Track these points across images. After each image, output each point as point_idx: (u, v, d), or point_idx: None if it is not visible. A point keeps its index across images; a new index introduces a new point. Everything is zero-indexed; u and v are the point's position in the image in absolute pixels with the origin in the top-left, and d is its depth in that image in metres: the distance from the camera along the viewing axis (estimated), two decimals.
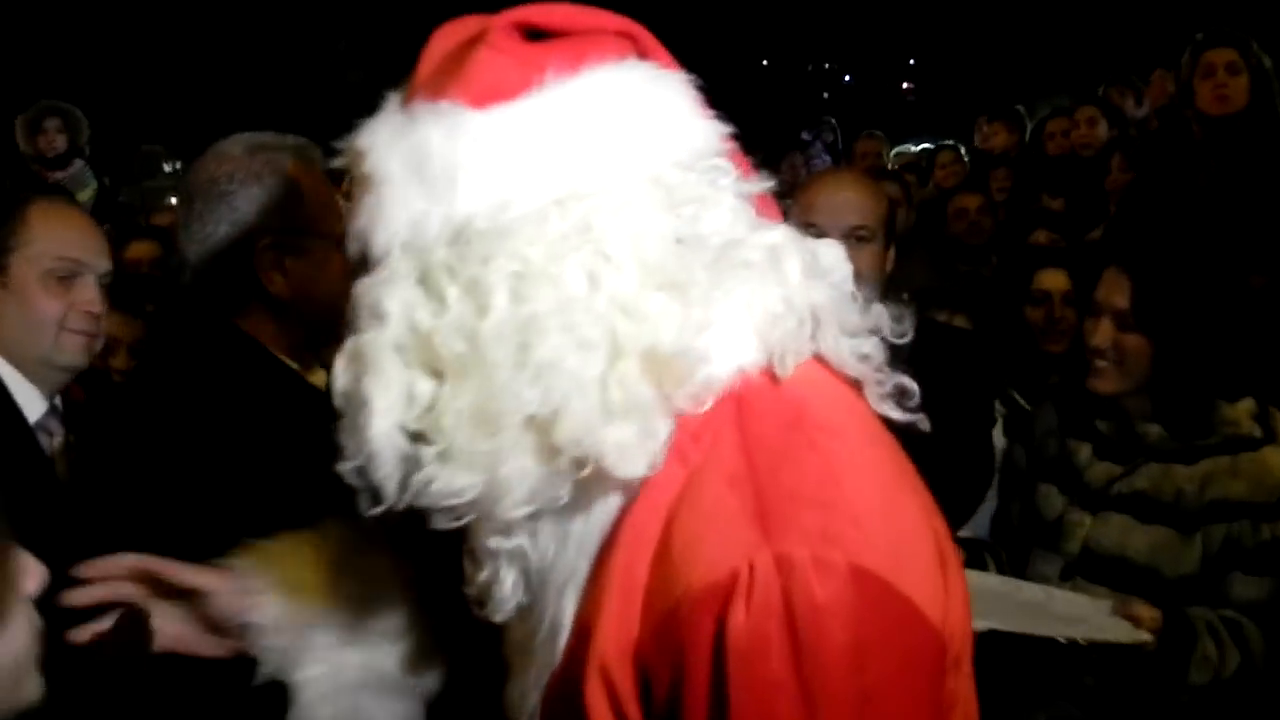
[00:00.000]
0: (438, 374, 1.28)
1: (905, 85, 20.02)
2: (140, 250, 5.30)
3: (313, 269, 2.44)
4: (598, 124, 1.31)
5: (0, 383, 2.66)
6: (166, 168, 8.20)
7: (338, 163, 1.41)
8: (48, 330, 2.67)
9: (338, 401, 1.35)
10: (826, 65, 19.86)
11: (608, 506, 1.30)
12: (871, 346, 1.35)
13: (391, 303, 1.30)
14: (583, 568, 1.31)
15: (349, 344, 1.34)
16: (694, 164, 1.34)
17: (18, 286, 2.66)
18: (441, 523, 1.29)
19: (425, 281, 1.30)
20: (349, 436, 1.32)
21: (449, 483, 1.26)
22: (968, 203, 6.83)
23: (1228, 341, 2.95)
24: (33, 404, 2.69)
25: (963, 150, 9.01)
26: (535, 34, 1.37)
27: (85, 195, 6.89)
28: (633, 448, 1.24)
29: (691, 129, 1.36)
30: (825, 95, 19.33)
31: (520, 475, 1.25)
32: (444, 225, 1.30)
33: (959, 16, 16.98)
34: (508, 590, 1.36)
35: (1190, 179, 5.14)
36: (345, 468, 1.32)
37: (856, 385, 1.34)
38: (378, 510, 1.31)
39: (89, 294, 2.71)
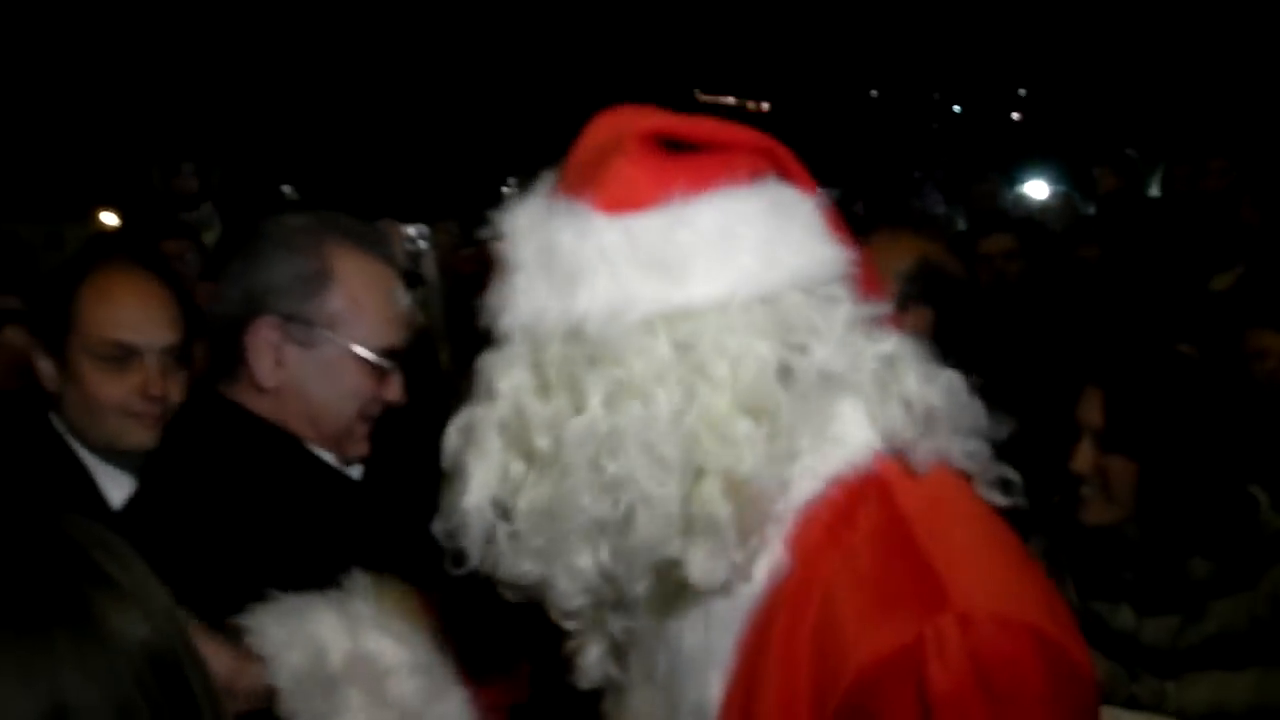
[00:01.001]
0: (530, 458, 1.38)
1: (1015, 116, 19.78)
2: None
3: (315, 368, 2.19)
4: (717, 244, 1.36)
5: (84, 470, 2.56)
6: (285, 190, 8.39)
7: (482, 235, 1.47)
8: (109, 416, 2.55)
9: (445, 465, 1.44)
10: (935, 95, 19.67)
11: (751, 589, 1.37)
12: (977, 444, 1.43)
13: (504, 383, 1.39)
14: (725, 648, 1.38)
15: (464, 414, 1.43)
16: (813, 289, 1.39)
17: (74, 372, 2.54)
18: (511, 597, 1.41)
19: (537, 370, 1.38)
20: (446, 500, 1.43)
21: (513, 564, 1.37)
22: (1089, 253, 6.70)
23: (1224, 449, 2.64)
24: (119, 486, 2.56)
25: (1077, 196, 8.88)
26: (676, 144, 1.42)
27: (210, 236, 7.09)
28: (708, 561, 1.31)
29: (814, 255, 1.41)
30: (935, 126, 19.18)
31: (574, 572, 1.34)
32: (560, 320, 1.36)
33: (1071, 44, 16.71)
34: (591, 660, 1.46)
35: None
36: (437, 529, 1.43)
37: (965, 475, 1.43)
38: (460, 572, 1.42)
39: (145, 376, 2.55)
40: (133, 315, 2.58)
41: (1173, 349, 2.86)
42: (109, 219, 11.32)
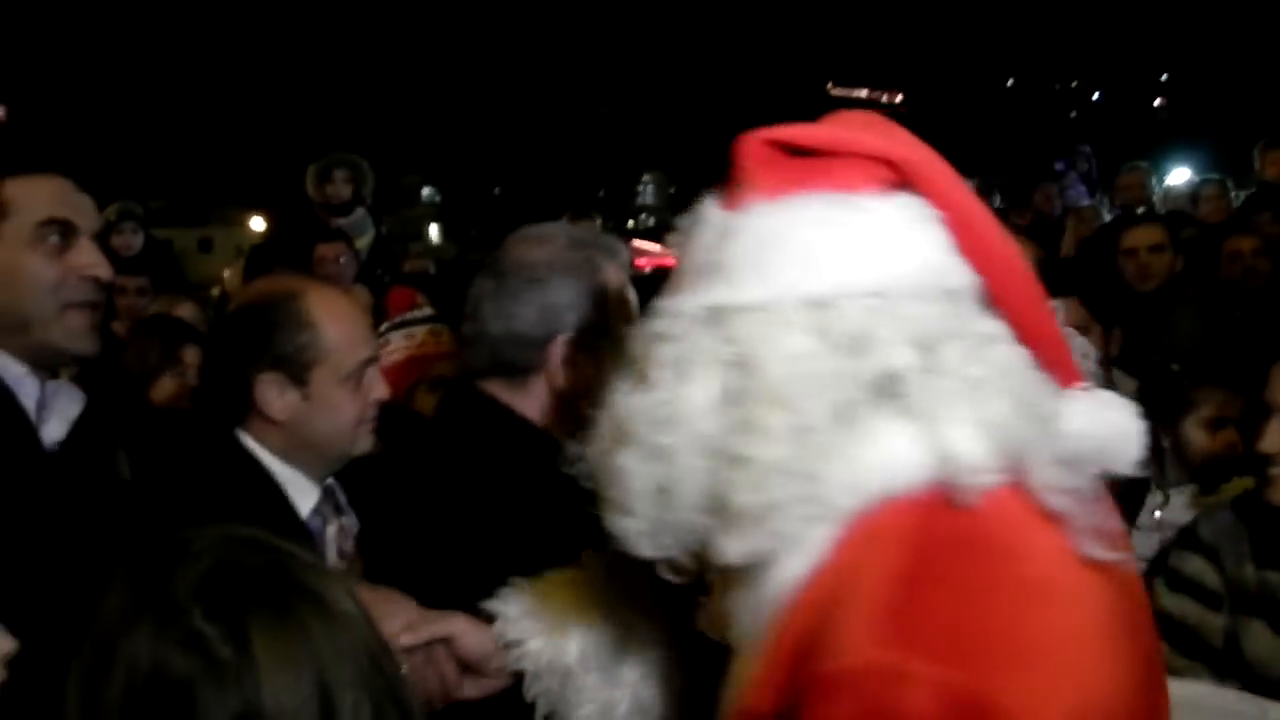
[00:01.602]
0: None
1: (1158, 102, 19.24)
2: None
3: (596, 369, 2.39)
4: (765, 248, 1.44)
5: (275, 484, 2.62)
6: (425, 193, 8.53)
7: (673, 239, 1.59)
8: (350, 431, 2.62)
9: None
10: (1074, 83, 19.23)
11: (789, 578, 1.39)
12: (1080, 478, 1.37)
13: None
14: (760, 630, 1.43)
15: None
16: (886, 297, 1.40)
17: (320, 396, 2.58)
18: (616, 548, 1.52)
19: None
20: None
21: (612, 517, 1.50)
22: (1242, 245, 6.51)
23: None
24: (306, 496, 2.63)
25: (1229, 184, 8.60)
26: (800, 151, 1.48)
27: (363, 242, 7.23)
28: (733, 543, 1.40)
29: (892, 266, 1.41)
30: (1073, 114, 18.76)
31: (639, 529, 1.47)
32: (667, 308, 1.50)
33: (1217, 28, 16.19)
34: (704, 622, 1.61)
35: None
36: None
37: (1058, 519, 1.35)
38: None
39: (379, 384, 2.67)
40: (363, 330, 2.69)
41: None
42: (257, 224, 11.72)
